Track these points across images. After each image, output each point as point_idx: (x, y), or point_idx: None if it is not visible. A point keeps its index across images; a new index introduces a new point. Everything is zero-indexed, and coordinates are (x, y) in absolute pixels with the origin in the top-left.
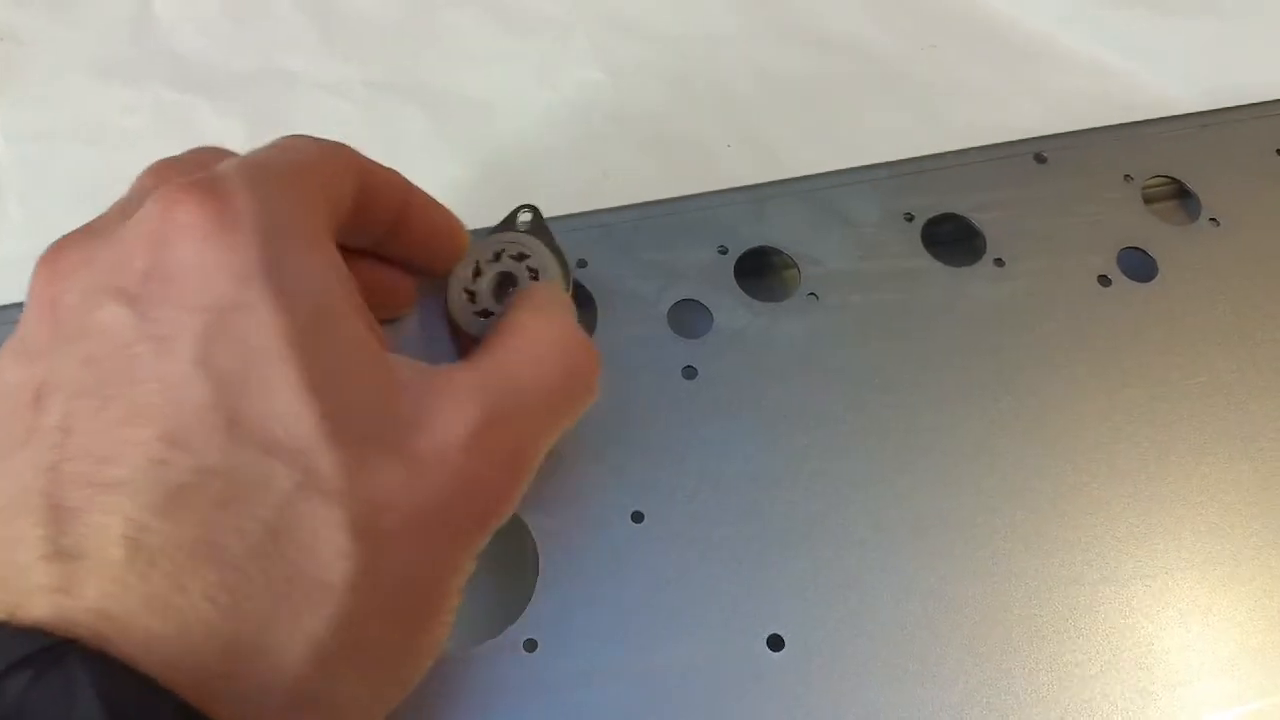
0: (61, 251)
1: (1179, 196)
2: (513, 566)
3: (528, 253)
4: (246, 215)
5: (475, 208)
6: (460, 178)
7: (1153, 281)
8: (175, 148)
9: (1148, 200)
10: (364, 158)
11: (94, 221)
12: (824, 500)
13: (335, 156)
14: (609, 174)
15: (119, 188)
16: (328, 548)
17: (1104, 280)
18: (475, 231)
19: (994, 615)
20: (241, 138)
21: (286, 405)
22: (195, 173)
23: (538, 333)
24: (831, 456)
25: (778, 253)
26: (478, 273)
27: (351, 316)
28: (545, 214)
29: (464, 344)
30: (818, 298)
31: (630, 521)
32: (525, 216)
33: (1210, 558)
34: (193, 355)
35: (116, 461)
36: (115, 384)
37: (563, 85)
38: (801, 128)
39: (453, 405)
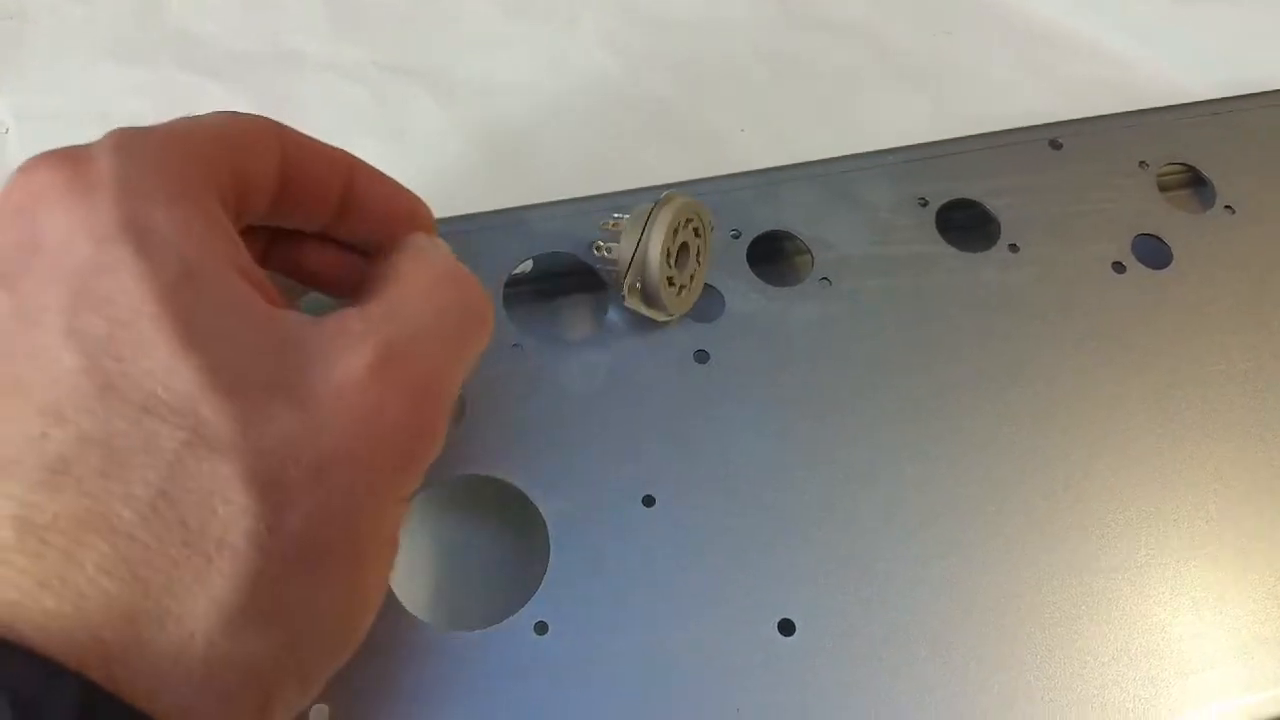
0: None
1: (1194, 185)
2: (524, 549)
3: (702, 229)
4: (105, 176)
5: (483, 191)
6: (469, 160)
7: (1167, 269)
8: None
9: (1163, 188)
10: (294, 133)
11: None
12: (835, 485)
13: (233, 126)
14: (619, 158)
15: None
16: (225, 505)
17: (1118, 267)
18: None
19: (1006, 601)
20: None
21: (161, 361)
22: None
23: (421, 271)
24: (843, 442)
25: (790, 237)
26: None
27: (226, 271)
28: (554, 198)
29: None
30: (830, 282)
31: (641, 505)
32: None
33: (1223, 545)
34: (61, 325)
35: None
36: None
37: (572, 69)
38: (814, 113)
39: (344, 345)
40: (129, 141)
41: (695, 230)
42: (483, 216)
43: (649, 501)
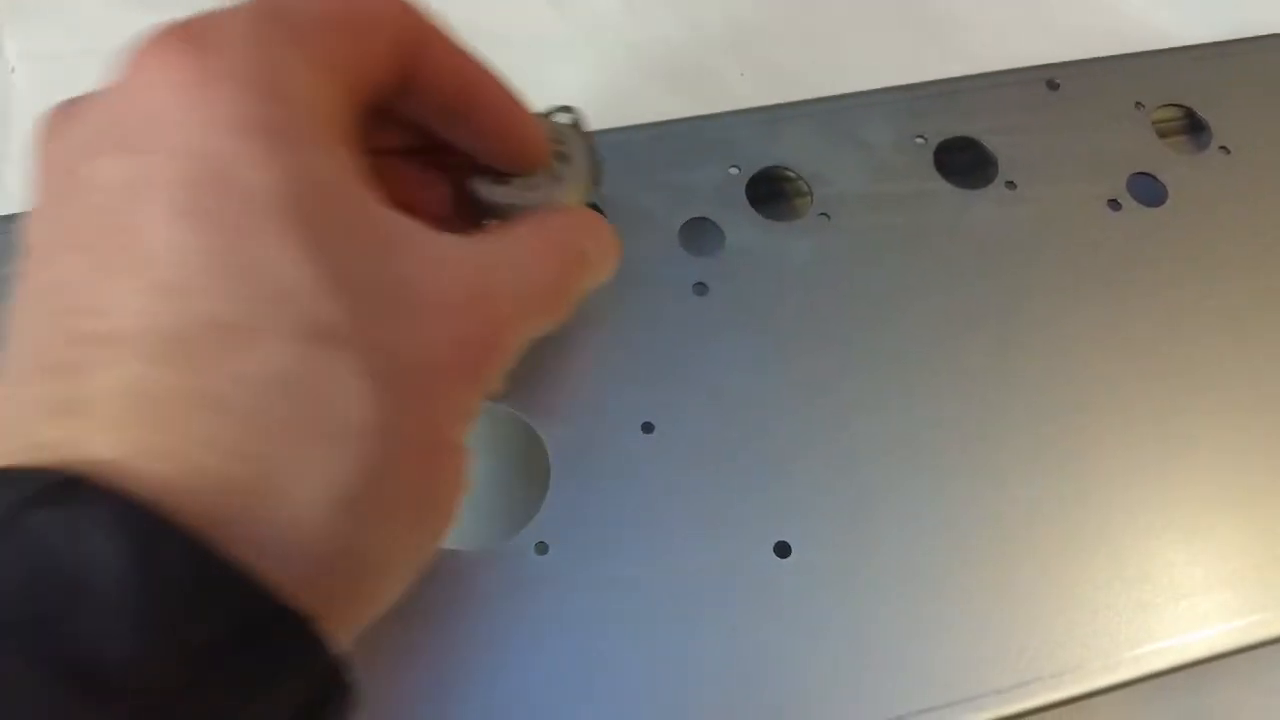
0: (56, 111)
1: (1190, 130)
2: (525, 472)
3: (563, 140)
4: (237, 69)
5: None
6: None
7: (1162, 206)
8: None
9: (1160, 133)
10: (429, 27)
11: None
12: (831, 415)
13: (377, 12)
14: (623, 101)
15: None
16: (345, 392)
17: (1114, 204)
18: None
19: (1000, 528)
20: None
21: (287, 255)
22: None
23: (549, 235)
24: (839, 372)
25: (789, 174)
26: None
27: (348, 173)
28: None
29: (475, 211)
30: (829, 218)
31: (641, 432)
32: (564, 116)
33: (1215, 476)
34: (186, 202)
35: (112, 313)
36: (108, 236)
37: (577, 14)
38: (815, 56)
39: (450, 272)
40: (268, 28)
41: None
42: None
43: (648, 428)
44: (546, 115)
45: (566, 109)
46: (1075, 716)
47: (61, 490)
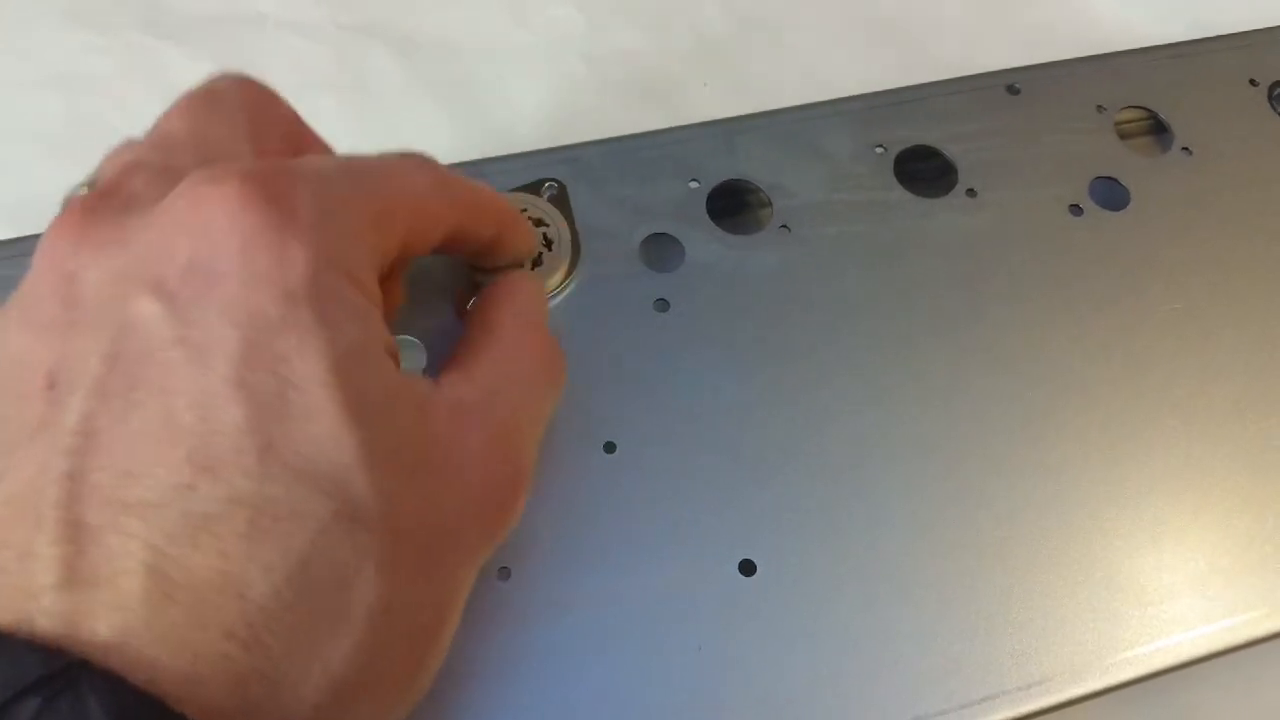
0: (89, 221)
1: (1152, 133)
2: None
3: (547, 221)
4: (303, 226)
5: (446, 146)
6: (432, 119)
7: (1125, 210)
8: (146, 92)
9: (1121, 135)
10: (464, 200)
11: (115, 190)
12: (795, 429)
13: (417, 194)
14: (584, 114)
15: (89, 132)
16: (356, 579)
17: (1076, 210)
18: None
19: (965, 539)
20: None
21: (326, 430)
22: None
23: (523, 336)
24: (803, 387)
25: (750, 187)
26: None
27: (380, 347)
28: (515, 151)
29: (461, 290)
30: (790, 230)
31: (603, 451)
32: (551, 189)
33: (1181, 481)
34: (229, 372)
35: (141, 479)
36: (143, 390)
37: (535, 24)
38: (774, 66)
39: (464, 421)
40: (331, 190)
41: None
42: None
43: (610, 448)
44: (537, 188)
45: (556, 181)
46: None
47: (62, 679)
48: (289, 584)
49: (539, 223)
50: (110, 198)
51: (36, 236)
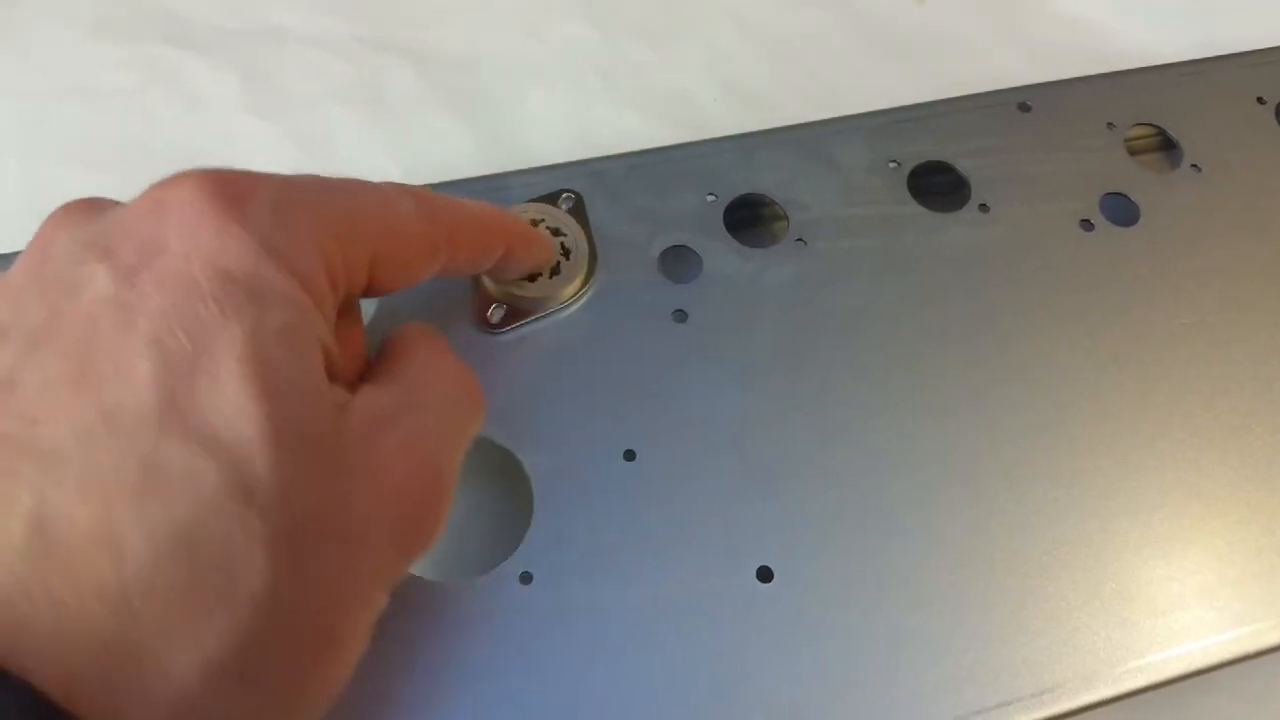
0: (73, 202)
1: (1162, 149)
2: (509, 502)
3: (564, 231)
4: (250, 219)
5: (464, 159)
6: (449, 132)
7: (1135, 226)
8: (169, 104)
9: (1131, 151)
10: (454, 221)
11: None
12: (811, 439)
13: (375, 212)
14: (597, 128)
15: (113, 143)
16: (241, 560)
17: (1086, 225)
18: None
19: (979, 548)
20: (235, 93)
21: (232, 400)
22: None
23: (438, 359)
24: (819, 396)
25: (766, 200)
26: None
27: (313, 344)
28: (532, 165)
29: (480, 299)
30: (805, 243)
31: (623, 460)
32: (569, 200)
33: (1191, 493)
34: (150, 331)
35: (45, 426)
36: (70, 343)
37: (550, 39)
38: (787, 81)
39: (383, 429)
40: (291, 194)
41: (542, 227)
42: (464, 183)
43: (630, 456)
44: (554, 199)
45: (574, 193)
46: None
47: None
48: (169, 551)
49: (556, 232)
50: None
51: None
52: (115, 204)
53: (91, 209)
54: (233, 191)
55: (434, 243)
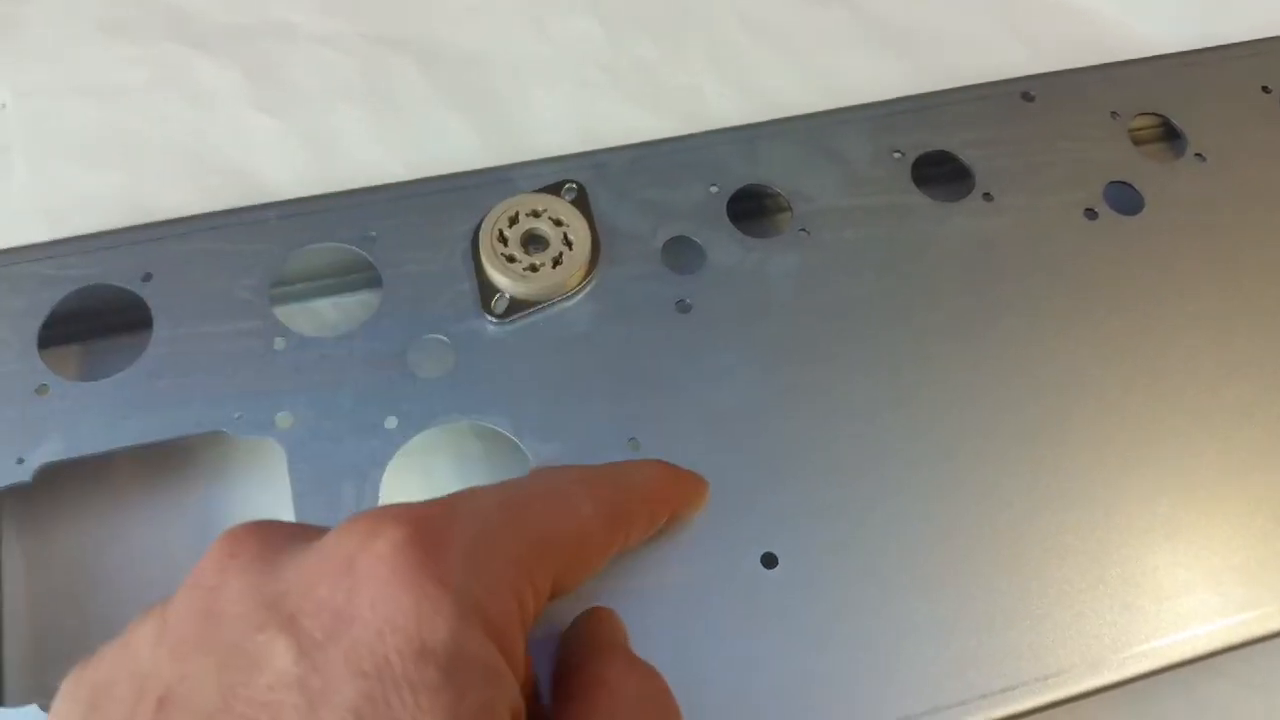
0: (243, 534)
1: (1166, 139)
2: None
3: (566, 222)
4: (450, 580)
5: (470, 154)
6: (454, 128)
7: (1139, 215)
8: (177, 101)
9: (1135, 141)
10: (628, 516)
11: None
12: (815, 427)
13: (584, 531)
14: (602, 122)
15: (121, 141)
16: None
17: (1090, 214)
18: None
19: (984, 534)
20: (242, 90)
21: None
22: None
23: (630, 685)
24: (822, 386)
25: (769, 191)
26: (514, 220)
27: (506, 712)
28: (541, 157)
29: (484, 289)
30: (808, 233)
31: (627, 449)
32: (571, 190)
33: (1196, 479)
34: None
35: None
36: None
37: (556, 36)
38: (791, 75)
39: None
40: (483, 545)
41: (545, 217)
42: (469, 175)
43: (634, 445)
44: (557, 189)
45: (574, 184)
46: (1065, 719)
47: None
48: None
49: (558, 223)
50: (272, 529)
51: (74, 239)
52: (289, 537)
53: (266, 548)
54: (430, 541)
55: (613, 541)
